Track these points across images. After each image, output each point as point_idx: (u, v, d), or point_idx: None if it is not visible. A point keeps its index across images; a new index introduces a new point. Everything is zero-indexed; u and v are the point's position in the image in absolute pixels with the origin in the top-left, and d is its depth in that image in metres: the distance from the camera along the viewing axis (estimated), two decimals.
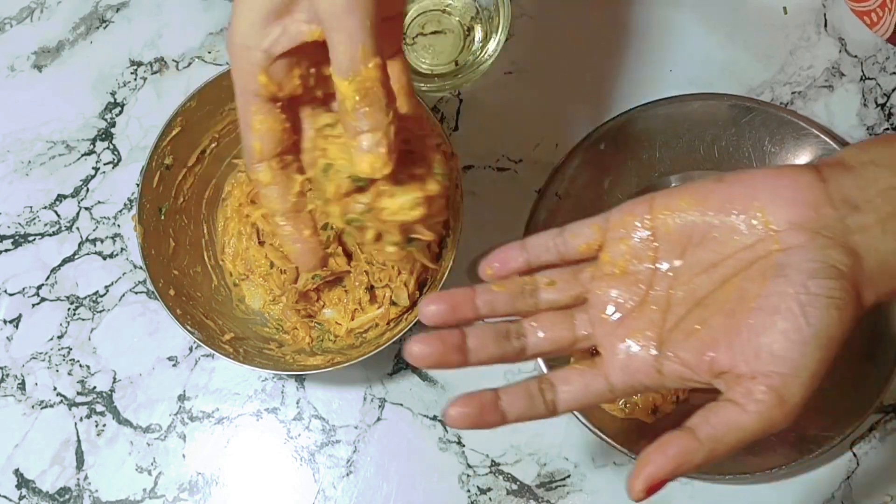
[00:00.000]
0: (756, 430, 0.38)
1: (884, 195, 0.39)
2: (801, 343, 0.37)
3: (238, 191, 0.69)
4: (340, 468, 0.67)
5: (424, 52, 0.72)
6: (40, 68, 0.74)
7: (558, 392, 0.43)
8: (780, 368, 0.37)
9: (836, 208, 0.39)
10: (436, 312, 0.43)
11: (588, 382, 0.42)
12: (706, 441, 0.38)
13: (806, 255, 0.38)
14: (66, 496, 0.67)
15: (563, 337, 0.44)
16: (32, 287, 0.71)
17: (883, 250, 0.39)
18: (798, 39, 0.72)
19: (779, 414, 0.38)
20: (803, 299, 0.37)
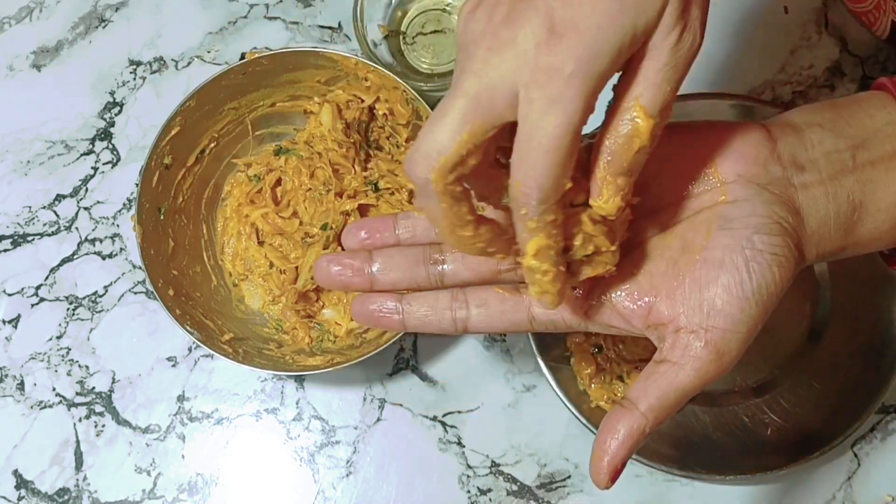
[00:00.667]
0: (695, 387, 0.38)
1: (828, 157, 0.40)
2: (742, 298, 0.37)
3: (238, 191, 0.69)
4: (340, 469, 0.67)
5: (424, 51, 0.72)
6: (39, 68, 0.74)
7: (471, 313, 0.41)
8: (721, 323, 0.37)
9: (783, 166, 0.39)
10: (356, 241, 0.43)
11: (506, 310, 0.41)
12: (650, 413, 0.38)
13: (752, 209, 0.38)
14: (65, 497, 0.67)
15: (486, 266, 0.42)
16: (31, 287, 0.70)
17: (824, 211, 0.39)
18: (799, 39, 0.72)
19: (715, 368, 0.37)
20: (748, 254, 0.37)
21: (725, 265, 0.37)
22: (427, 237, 0.43)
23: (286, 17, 0.74)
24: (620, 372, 0.66)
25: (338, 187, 0.67)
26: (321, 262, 0.43)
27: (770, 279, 0.37)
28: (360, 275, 0.42)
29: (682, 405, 0.38)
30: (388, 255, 0.42)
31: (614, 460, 0.38)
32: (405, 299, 0.42)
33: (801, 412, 0.64)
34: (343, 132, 0.67)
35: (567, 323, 0.41)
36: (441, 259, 0.42)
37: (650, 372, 0.38)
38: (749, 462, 0.62)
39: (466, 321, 0.41)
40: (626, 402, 0.38)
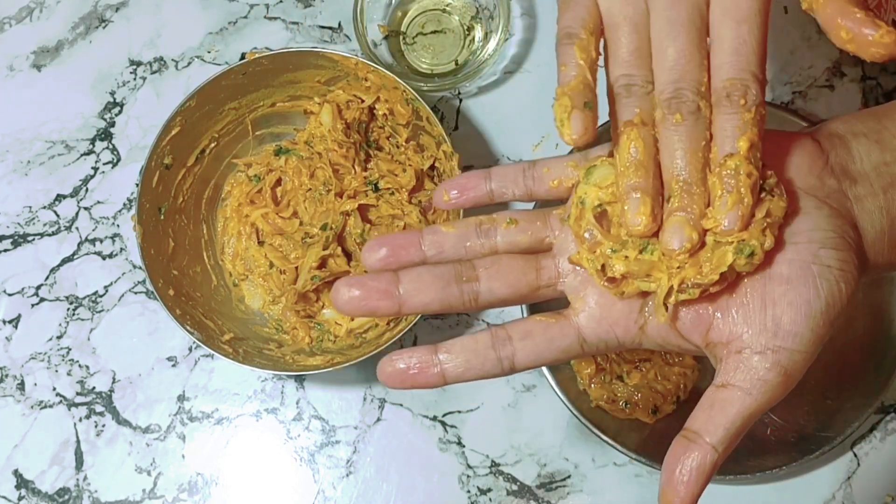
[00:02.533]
0: (762, 411, 0.36)
1: (877, 170, 0.38)
2: (810, 316, 0.35)
3: (238, 191, 0.69)
4: (340, 468, 0.67)
5: (424, 51, 0.72)
6: (39, 68, 0.74)
7: (517, 347, 0.38)
8: (788, 343, 0.35)
9: (837, 179, 0.38)
10: (377, 259, 0.39)
11: (553, 336, 0.38)
12: (720, 445, 0.35)
13: (815, 222, 0.36)
14: (65, 496, 0.67)
15: (524, 282, 0.39)
16: (32, 287, 0.70)
17: (879, 225, 0.38)
18: (799, 39, 0.72)
19: (782, 391, 0.36)
20: (815, 270, 0.35)
21: (793, 281, 0.35)
22: (455, 253, 0.40)
23: (286, 17, 0.74)
24: (620, 372, 0.66)
25: (338, 187, 0.67)
26: (339, 287, 0.38)
27: (837, 296, 0.36)
28: (388, 298, 0.38)
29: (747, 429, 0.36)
30: (416, 275, 0.38)
31: (687, 499, 0.35)
32: (440, 349, 0.38)
33: (800, 412, 0.64)
34: (343, 132, 0.67)
35: (619, 340, 0.38)
36: (475, 276, 0.39)
37: (713, 399, 0.36)
38: (749, 462, 0.62)
39: (513, 358, 0.38)
40: (690, 434, 0.35)
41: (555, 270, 0.39)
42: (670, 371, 0.65)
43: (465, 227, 0.40)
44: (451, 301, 0.38)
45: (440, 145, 0.64)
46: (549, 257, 0.40)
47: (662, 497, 0.35)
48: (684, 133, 0.35)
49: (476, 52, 0.71)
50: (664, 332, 0.38)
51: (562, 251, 0.39)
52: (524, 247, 0.40)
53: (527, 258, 0.39)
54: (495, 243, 0.40)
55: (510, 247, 0.40)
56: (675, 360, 0.66)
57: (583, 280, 0.39)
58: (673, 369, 0.65)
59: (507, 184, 0.40)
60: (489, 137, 0.71)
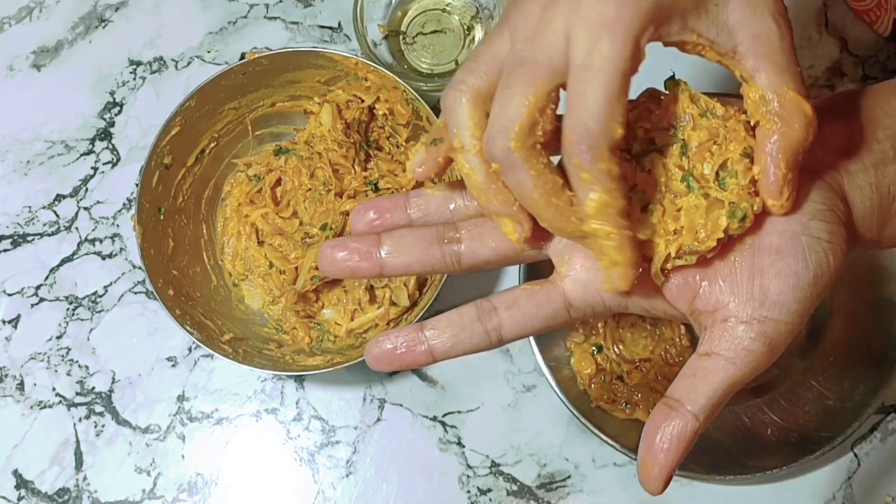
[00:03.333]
0: (745, 381, 0.35)
1: (868, 147, 0.38)
2: (797, 287, 0.35)
3: (237, 191, 0.69)
4: (340, 469, 0.67)
5: (424, 51, 0.72)
6: (39, 68, 0.74)
7: (503, 317, 0.37)
8: (775, 314, 0.35)
9: (830, 153, 0.38)
10: (364, 222, 0.40)
11: (539, 303, 0.37)
12: (701, 413, 0.35)
13: (806, 194, 0.36)
14: (65, 497, 0.67)
15: (508, 244, 0.38)
16: (31, 287, 0.70)
17: (869, 202, 0.38)
18: (799, 39, 0.72)
19: (766, 361, 0.35)
20: (805, 241, 0.35)
21: (782, 252, 0.35)
22: (441, 216, 0.40)
23: (286, 17, 0.74)
24: (620, 372, 0.66)
25: (338, 187, 0.67)
26: (325, 248, 0.39)
27: (826, 268, 0.35)
28: (369, 259, 0.38)
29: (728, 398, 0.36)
30: (398, 237, 0.38)
31: (667, 468, 0.34)
32: (425, 326, 0.38)
33: (801, 412, 0.64)
34: (343, 132, 0.67)
35: (606, 305, 0.38)
36: (456, 237, 0.39)
37: (696, 368, 0.35)
38: (749, 462, 0.62)
39: (500, 329, 0.38)
40: (671, 402, 0.35)
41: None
42: (670, 371, 0.65)
43: (450, 190, 0.40)
44: (432, 262, 0.38)
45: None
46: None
47: (641, 465, 0.35)
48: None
49: None
50: (650, 297, 0.38)
51: None
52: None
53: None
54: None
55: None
56: (676, 359, 0.66)
57: (568, 243, 0.38)
58: (673, 369, 0.65)
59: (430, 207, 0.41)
60: None
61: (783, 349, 0.36)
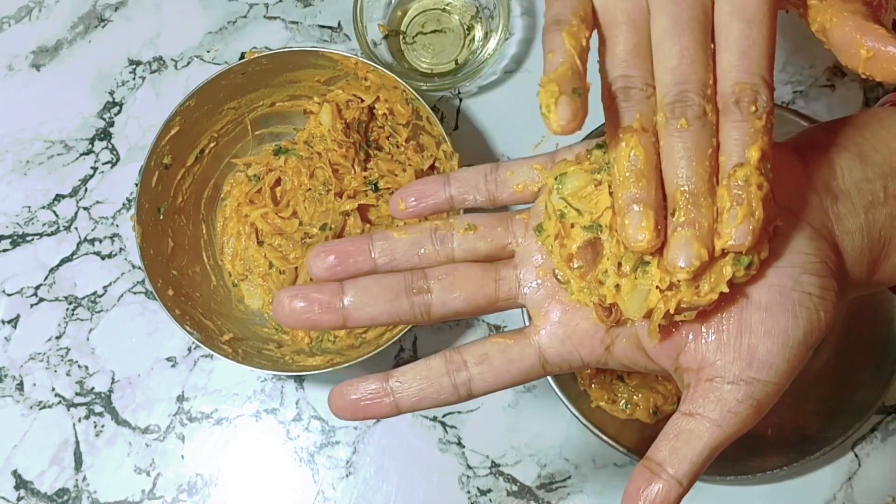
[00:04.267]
0: (729, 441, 0.34)
1: (858, 187, 0.36)
2: (786, 347, 0.33)
3: (237, 191, 0.69)
4: (340, 469, 0.67)
5: (424, 51, 0.72)
6: (39, 67, 0.74)
7: (472, 373, 0.35)
8: (763, 375, 0.33)
9: (820, 196, 0.36)
10: (323, 268, 0.37)
11: (512, 359, 0.35)
12: (685, 479, 0.33)
13: (796, 245, 0.34)
14: (64, 497, 0.67)
15: (481, 294, 0.36)
16: (31, 287, 0.70)
17: (859, 248, 0.36)
18: (800, 38, 0.72)
19: (752, 422, 0.34)
20: (796, 297, 0.33)
21: (772, 309, 0.33)
22: (408, 261, 0.37)
23: (286, 16, 0.74)
24: (620, 372, 0.65)
25: (337, 187, 0.67)
26: (282, 297, 0.36)
27: (816, 325, 0.34)
28: (330, 310, 0.36)
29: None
30: (363, 286, 0.36)
31: None
32: (392, 377, 0.36)
33: (801, 412, 0.64)
34: (343, 132, 0.67)
35: (584, 360, 0.36)
36: (426, 287, 0.36)
37: (679, 429, 0.33)
38: (749, 462, 0.62)
39: (469, 383, 0.36)
40: (652, 465, 0.33)
41: (515, 282, 0.37)
42: None
43: (419, 233, 0.37)
44: (400, 314, 0.36)
45: (440, 145, 0.64)
46: (509, 267, 0.37)
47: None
48: (690, 139, 0.31)
49: (476, 51, 0.71)
50: (632, 353, 0.36)
51: (524, 261, 0.37)
52: (483, 254, 0.37)
53: (485, 267, 0.37)
54: (452, 250, 0.37)
55: (468, 254, 0.37)
56: None
57: (545, 294, 0.36)
58: None
59: (468, 189, 0.38)
60: (489, 137, 0.71)
61: (769, 409, 0.34)
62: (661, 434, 0.34)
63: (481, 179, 0.38)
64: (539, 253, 0.36)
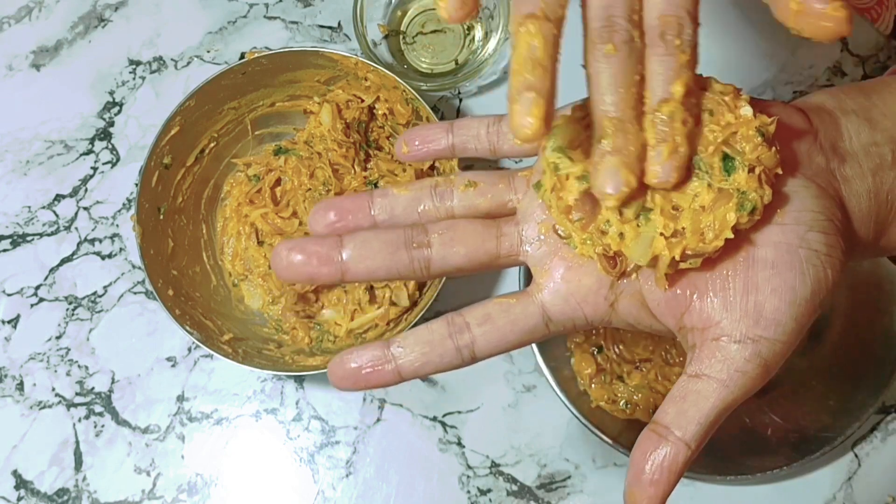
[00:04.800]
0: (738, 402, 0.33)
1: (866, 150, 0.36)
2: (793, 304, 0.32)
3: (237, 191, 0.69)
4: (340, 469, 0.67)
5: (424, 51, 0.72)
6: (39, 67, 0.74)
7: (475, 334, 0.35)
8: (770, 333, 0.32)
9: (826, 156, 0.35)
10: (324, 224, 0.36)
11: (515, 318, 0.35)
12: (693, 441, 0.32)
13: (802, 203, 0.34)
14: (64, 497, 0.67)
15: (483, 250, 0.36)
16: (31, 287, 0.70)
17: (866, 209, 0.36)
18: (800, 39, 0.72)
19: (760, 382, 0.33)
20: (802, 254, 0.33)
21: (778, 266, 0.33)
22: (408, 218, 0.37)
23: (286, 16, 0.74)
24: (621, 372, 0.65)
25: (337, 187, 0.67)
26: (280, 249, 0.35)
27: (823, 282, 0.33)
28: (329, 263, 0.35)
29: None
30: (362, 240, 0.35)
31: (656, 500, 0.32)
32: (392, 343, 0.35)
33: (801, 412, 0.64)
34: (343, 132, 0.67)
35: (588, 319, 0.35)
36: (426, 242, 0.35)
37: (686, 390, 0.33)
38: (749, 462, 0.62)
39: (472, 346, 0.35)
40: (659, 429, 0.32)
41: (517, 238, 0.36)
42: (671, 371, 0.65)
43: (418, 190, 0.37)
44: (399, 268, 0.35)
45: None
46: (511, 223, 0.36)
47: (629, 496, 0.32)
48: (617, 65, 0.31)
49: (476, 51, 0.71)
50: (636, 311, 0.35)
51: (526, 217, 0.36)
52: (484, 211, 0.37)
53: (486, 223, 0.36)
54: (452, 207, 0.37)
55: (468, 211, 0.37)
56: (676, 359, 0.65)
57: (548, 251, 0.35)
58: (673, 369, 0.65)
59: (470, 138, 0.38)
60: None
61: (777, 368, 0.33)
62: (667, 397, 0.33)
63: (483, 130, 0.38)
64: (540, 209, 0.36)
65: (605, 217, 0.34)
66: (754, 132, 0.33)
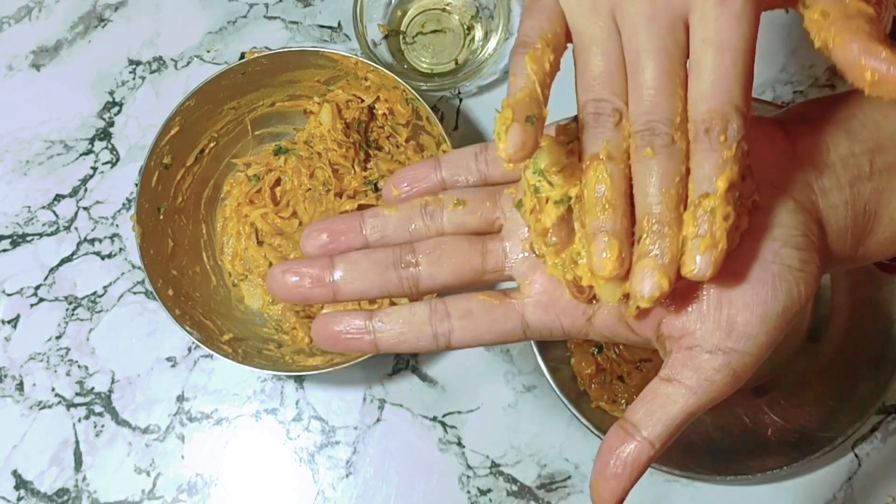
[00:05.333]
0: (704, 409, 0.34)
1: (844, 162, 0.36)
2: (766, 319, 0.34)
3: (237, 191, 0.69)
4: (340, 469, 0.67)
5: (424, 51, 0.72)
6: (39, 67, 0.74)
7: (454, 326, 0.36)
8: (741, 345, 0.33)
9: (803, 170, 0.36)
10: (317, 246, 0.38)
11: (495, 319, 0.36)
12: (657, 441, 0.34)
13: (778, 218, 0.35)
14: (64, 497, 0.67)
15: (469, 267, 0.37)
16: (31, 287, 0.70)
17: (843, 221, 0.36)
18: (800, 39, 0.72)
19: (728, 391, 0.34)
20: (775, 270, 0.34)
21: (751, 281, 0.34)
22: (399, 237, 0.38)
23: (286, 16, 0.74)
24: (621, 372, 0.65)
25: (337, 187, 0.67)
26: (275, 271, 0.37)
27: (796, 298, 0.34)
28: (321, 285, 0.37)
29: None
30: (352, 261, 0.37)
31: (618, 492, 0.34)
32: (375, 316, 0.37)
33: (801, 412, 0.64)
34: (343, 132, 0.67)
35: (565, 330, 0.37)
36: (414, 262, 0.37)
37: (656, 392, 0.34)
38: (749, 462, 0.62)
39: (449, 335, 0.36)
40: (627, 426, 0.34)
41: (502, 255, 0.37)
42: None
43: (409, 210, 0.38)
44: (389, 287, 0.37)
45: (440, 145, 0.64)
46: (497, 240, 0.38)
47: (594, 487, 0.34)
48: (656, 168, 0.32)
49: (476, 51, 0.71)
50: (612, 325, 0.36)
51: (511, 234, 0.38)
52: (473, 228, 0.38)
53: (472, 241, 0.37)
54: (442, 225, 0.38)
55: (458, 228, 0.38)
56: None
57: (531, 265, 0.37)
58: None
59: (460, 170, 0.39)
60: (489, 137, 0.71)
61: (746, 379, 0.35)
62: (639, 396, 0.35)
63: (472, 160, 0.39)
64: (524, 226, 0.37)
65: (577, 248, 0.35)
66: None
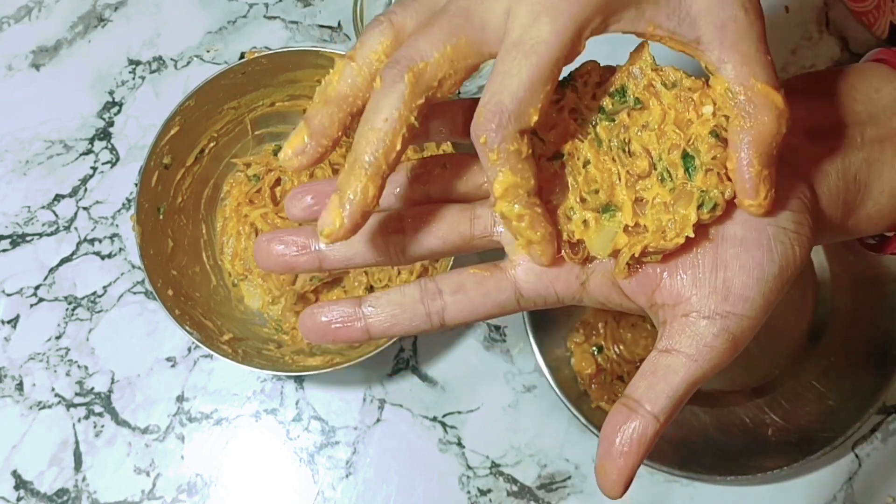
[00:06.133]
0: (706, 377, 0.34)
1: (836, 131, 0.37)
2: (762, 281, 0.33)
3: (237, 190, 0.69)
4: (340, 469, 0.67)
5: None
6: (38, 67, 0.74)
7: (447, 302, 0.35)
8: (738, 308, 0.33)
9: (797, 136, 0.36)
10: (302, 208, 0.37)
11: (488, 291, 0.36)
12: (661, 414, 0.33)
13: None
14: (64, 497, 0.67)
15: (456, 233, 0.37)
16: (30, 287, 0.70)
17: (834, 189, 0.36)
18: (800, 38, 0.72)
19: (728, 357, 0.34)
20: (771, 231, 0.34)
21: (747, 243, 0.33)
22: (386, 202, 0.37)
23: (286, 16, 0.74)
24: (621, 372, 0.65)
25: None
26: (261, 241, 0.36)
27: (791, 259, 0.34)
28: (307, 252, 0.36)
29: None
30: None
31: (626, 471, 0.33)
32: (365, 301, 0.36)
33: (801, 412, 0.64)
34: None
35: (559, 296, 0.36)
36: (401, 227, 0.36)
37: (656, 365, 0.34)
38: (749, 462, 0.62)
39: (443, 312, 0.35)
40: (629, 402, 0.33)
41: (490, 219, 0.37)
42: None
43: (396, 174, 0.37)
44: (375, 254, 0.36)
45: (440, 145, 0.64)
46: (485, 205, 0.37)
47: (599, 469, 0.33)
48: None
49: None
50: (606, 290, 0.36)
51: None
52: (461, 193, 0.38)
53: (461, 207, 0.37)
54: (428, 190, 0.37)
55: (445, 193, 0.37)
56: None
57: None
58: None
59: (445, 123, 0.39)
60: None
61: (746, 344, 0.34)
62: (638, 372, 0.34)
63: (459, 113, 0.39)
64: None
65: (569, 203, 0.35)
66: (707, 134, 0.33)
